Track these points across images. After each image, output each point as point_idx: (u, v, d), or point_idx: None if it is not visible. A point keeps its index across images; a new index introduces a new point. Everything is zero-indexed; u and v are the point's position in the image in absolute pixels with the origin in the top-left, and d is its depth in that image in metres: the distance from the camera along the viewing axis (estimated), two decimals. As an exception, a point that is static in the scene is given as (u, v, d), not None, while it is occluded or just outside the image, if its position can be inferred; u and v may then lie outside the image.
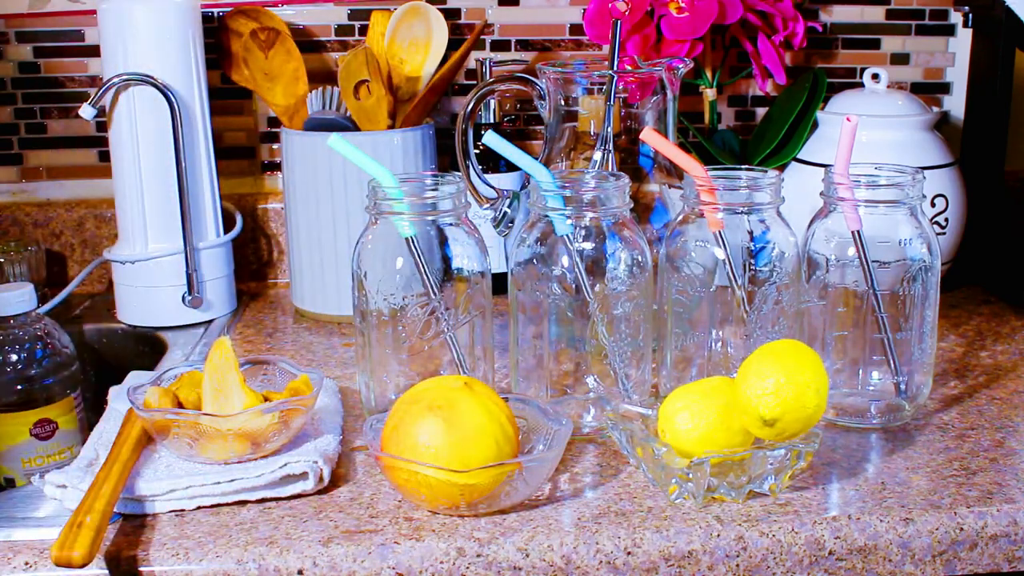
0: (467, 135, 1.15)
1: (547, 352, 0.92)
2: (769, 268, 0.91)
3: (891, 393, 0.94)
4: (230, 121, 1.38)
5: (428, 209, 0.89)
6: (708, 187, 0.90)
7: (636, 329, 0.91)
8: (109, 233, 1.36)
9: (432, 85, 1.25)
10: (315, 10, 1.35)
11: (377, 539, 0.75)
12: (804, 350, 0.81)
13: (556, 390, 0.93)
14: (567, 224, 0.89)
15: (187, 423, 0.81)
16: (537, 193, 0.90)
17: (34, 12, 1.33)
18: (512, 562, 0.74)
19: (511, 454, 0.78)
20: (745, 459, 0.79)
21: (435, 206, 0.90)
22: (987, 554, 0.78)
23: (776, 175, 0.92)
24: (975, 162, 1.29)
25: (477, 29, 1.30)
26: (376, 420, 0.82)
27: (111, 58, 1.17)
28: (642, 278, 0.90)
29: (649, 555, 0.75)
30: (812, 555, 0.76)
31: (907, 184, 0.90)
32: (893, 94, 1.25)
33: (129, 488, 0.78)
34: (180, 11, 1.17)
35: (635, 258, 0.90)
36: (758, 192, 0.90)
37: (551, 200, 0.89)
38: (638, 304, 0.90)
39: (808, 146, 1.27)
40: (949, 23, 1.43)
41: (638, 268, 0.90)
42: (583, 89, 1.09)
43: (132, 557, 0.73)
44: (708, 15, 1.22)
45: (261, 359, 0.93)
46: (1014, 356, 1.10)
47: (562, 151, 1.12)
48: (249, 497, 0.80)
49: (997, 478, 0.83)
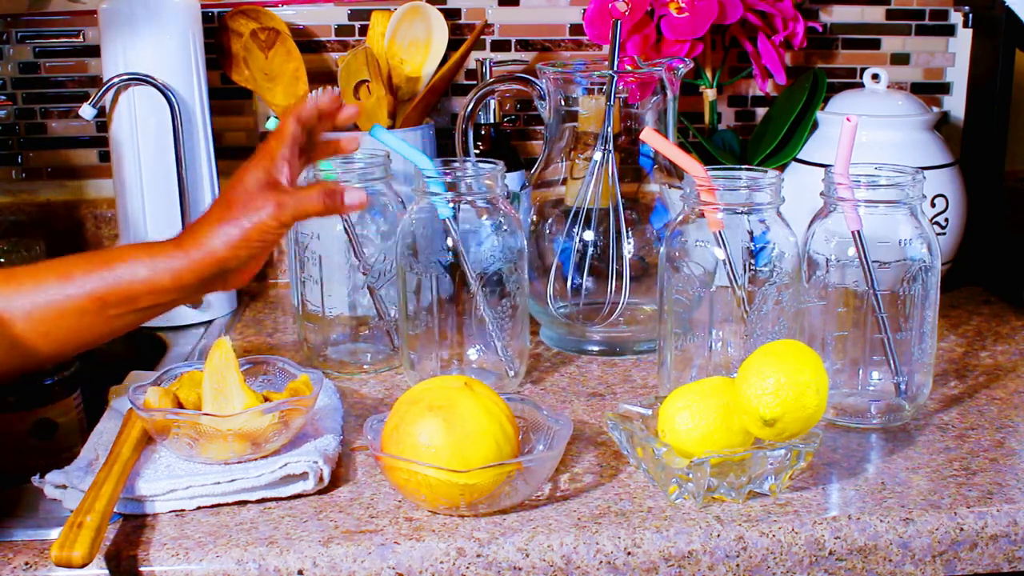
0: (467, 135, 1.15)
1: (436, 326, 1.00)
2: (769, 268, 0.91)
3: (891, 393, 0.94)
4: (230, 121, 1.38)
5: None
6: (708, 187, 0.90)
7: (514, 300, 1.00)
8: (109, 233, 1.36)
9: (432, 85, 1.25)
10: (315, 10, 1.35)
11: (377, 539, 0.75)
12: (804, 350, 0.81)
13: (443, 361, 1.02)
14: (448, 207, 0.96)
15: (187, 423, 0.81)
16: (421, 180, 0.97)
17: (34, 12, 1.33)
18: (512, 562, 0.74)
19: (511, 454, 0.78)
20: (745, 459, 0.79)
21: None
22: (987, 554, 0.78)
23: (776, 175, 0.92)
24: (975, 162, 1.29)
25: (477, 29, 1.30)
26: (376, 420, 0.82)
27: (111, 58, 1.17)
28: (515, 255, 0.99)
29: (649, 555, 0.75)
30: (812, 555, 0.76)
31: (907, 184, 0.90)
32: (893, 94, 1.25)
33: (129, 488, 0.78)
34: (180, 11, 1.17)
35: (506, 238, 0.99)
36: (758, 192, 0.90)
37: (432, 185, 0.96)
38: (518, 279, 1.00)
39: (808, 146, 1.27)
40: (949, 23, 1.43)
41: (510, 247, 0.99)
42: (583, 89, 1.09)
43: (132, 557, 0.73)
44: (708, 15, 1.22)
45: (261, 359, 0.93)
46: (1014, 356, 1.10)
47: (562, 151, 1.12)
48: (249, 497, 0.80)
49: (997, 478, 0.83)
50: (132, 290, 0.75)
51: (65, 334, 0.75)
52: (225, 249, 0.76)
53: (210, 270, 0.76)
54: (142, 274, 0.75)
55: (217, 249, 0.76)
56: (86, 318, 0.74)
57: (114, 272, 0.75)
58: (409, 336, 1.01)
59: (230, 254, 0.76)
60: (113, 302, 0.75)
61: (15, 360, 0.74)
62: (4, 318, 0.73)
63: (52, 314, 0.74)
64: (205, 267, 0.76)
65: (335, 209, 0.79)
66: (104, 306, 0.75)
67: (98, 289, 0.74)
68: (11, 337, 0.73)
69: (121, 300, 0.75)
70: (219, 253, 0.76)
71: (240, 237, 0.76)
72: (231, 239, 0.76)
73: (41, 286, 0.74)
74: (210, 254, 0.75)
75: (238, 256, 0.76)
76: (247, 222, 0.76)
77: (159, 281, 0.75)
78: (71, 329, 0.74)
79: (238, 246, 0.76)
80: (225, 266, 0.77)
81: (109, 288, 0.74)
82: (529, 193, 1.16)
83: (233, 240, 0.76)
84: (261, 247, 0.77)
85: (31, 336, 0.73)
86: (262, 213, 0.76)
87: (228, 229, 0.76)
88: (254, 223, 0.76)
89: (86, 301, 0.74)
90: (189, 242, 0.76)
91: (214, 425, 0.81)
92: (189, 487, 0.79)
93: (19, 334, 0.73)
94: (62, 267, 0.76)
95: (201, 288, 0.78)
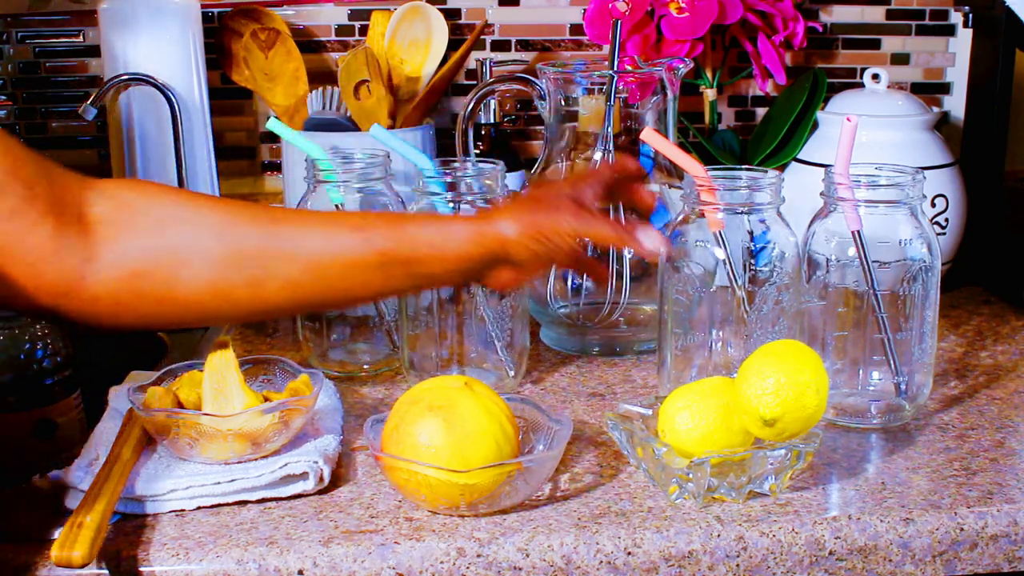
0: (467, 135, 1.15)
1: (436, 326, 1.00)
2: (769, 268, 0.91)
3: (891, 393, 0.94)
4: (230, 121, 1.38)
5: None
6: (708, 187, 0.90)
7: (514, 300, 1.00)
8: (109, 233, 1.35)
9: (432, 85, 1.25)
10: (315, 10, 1.35)
11: (377, 539, 0.75)
12: (804, 350, 0.81)
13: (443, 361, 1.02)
14: (448, 207, 0.96)
15: (187, 423, 0.81)
16: (421, 180, 0.97)
17: (34, 12, 1.33)
18: (512, 562, 0.74)
19: (511, 454, 0.78)
20: (745, 459, 0.79)
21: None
22: (987, 554, 0.78)
23: (776, 175, 0.92)
24: (975, 162, 1.29)
25: (477, 29, 1.30)
26: (376, 420, 0.82)
27: (111, 58, 1.17)
28: None
29: (649, 555, 0.75)
30: (812, 555, 0.76)
31: (907, 184, 0.90)
32: (893, 94, 1.25)
33: (129, 488, 0.78)
34: (180, 11, 1.18)
35: None
36: (758, 192, 0.90)
37: (432, 185, 0.96)
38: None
39: (808, 146, 1.27)
40: (949, 23, 1.43)
41: None
42: (583, 89, 1.09)
43: (132, 557, 0.73)
44: (708, 15, 1.22)
45: (261, 359, 0.93)
46: (1014, 356, 1.10)
47: (562, 151, 1.12)
48: (249, 497, 0.80)
49: (997, 478, 0.83)
50: (417, 252, 0.77)
51: (341, 283, 0.76)
52: (517, 234, 0.78)
53: (494, 249, 0.78)
54: (431, 236, 0.77)
55: (509, 232, 0.78)
56: (366, 272, 0.76)
57: (404, 230, 0.77)
58: (409, 336, 1.01)
59: (519, 240, 0.78)
60: (396, 260, 0.76)
61: (285, 300, 0.76)
62: (291, 255, 0.74)
63: (336, 261, 0.75)
64: (492, 245, 0.78)
65: (626, 241, 0.81)
66: (386, 263, 0.76)
67: (386, 244, 0.76)
68: (291, 276, 0.75)
69: (404, 260, 0.77)
70: (510, 236, 0.78)
71: (533, 227, 0.78)
72: (524, 227, 0.78)
73: (330, 232, 0.76)
74: (500, 233, 0.78)
75: (524, 246, 0.78)
76: (545, 218, 0.78)
77: (445, 247, 0.77)
78: (348, 279, 0.76)
79: (529, 235, 0.78)
80: (508, 251, 0.78)
81: (396, 245, 0.76)
82: (529, 193, 1.16)
83: (526, 228, 0.78)
84: (545, 248, 0.78)
85: (308, 279, 0.75)
86: (561, 216, 0.79)
87: (525, 217, 0.78)
88: (551, 221, 0.78)
89: (372, 254, 0.76)
90: (483, 220, 0.79)
91: (214, 425, 0.81)
92: (189, 487, 0.79)
93: (298, 274, 0.75)
94: (353, 218, 0.82)
95: (477, 268, 0.79)
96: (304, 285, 0.75)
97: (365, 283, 0.77)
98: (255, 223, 0.75)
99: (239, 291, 0.74)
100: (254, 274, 0.74)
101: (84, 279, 0.70)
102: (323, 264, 0.75)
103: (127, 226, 0.72)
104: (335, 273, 0.76)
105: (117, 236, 0.71)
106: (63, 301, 0.70)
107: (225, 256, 0.73)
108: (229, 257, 0.73)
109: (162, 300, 0.72)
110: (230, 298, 0.74)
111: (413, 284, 0.80)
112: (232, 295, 0.74)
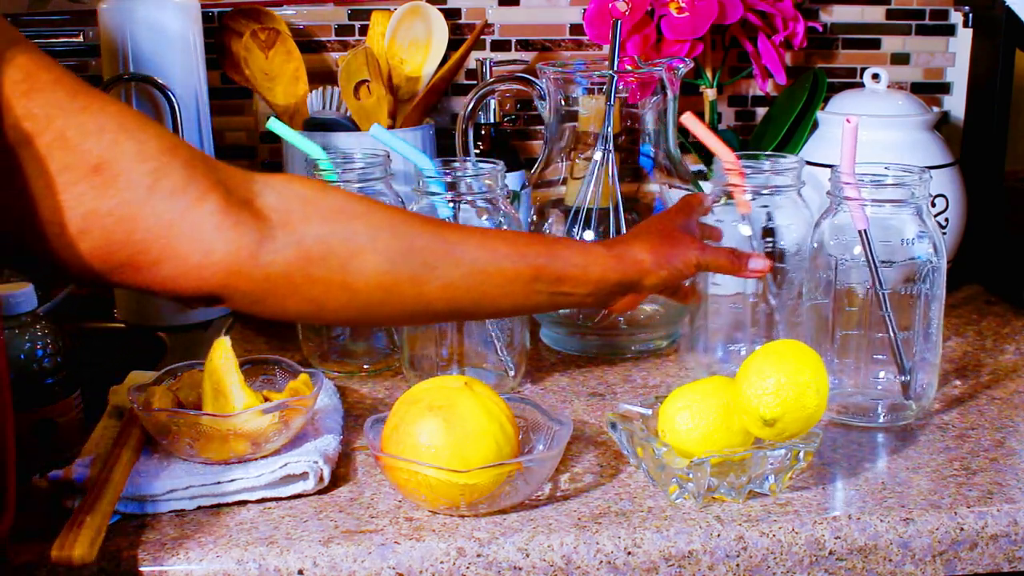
0: (467, 135, 1.15)
1: (436, 326, 1.01)
2: (796, 248, 0.97)
3: (897, 392, 0.94)
4: (230, 121, 1.38)
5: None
6: (738, 170, 0.95)
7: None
8: (109, 233, 1.35)
9: (432, 85, 1.25)
10: (315, 10, 1.35)
11: (377, 539, 0.75)
12: (804, 350, 0.81)
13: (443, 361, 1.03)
14: (448, 207, 0.97)
15: (187, 423, 0.81)
16: (421, 180, 0.98)
17: (34, 12, 1.33)
18: (512, 562, 0.74)
19: (511, 454, 0.78)
20: (745, 459, 0.79)
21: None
22: (987, 554, 0.78)
23: (797, 159, 0.99)
24: (975, 162, 1.29)
25: (477, 29, 1.30)
26: (376, 420, 0.82)
27: (111, 58, 1.17)
28: None
29: (649, 555, 0.75)
30: (812, 555, 0.76)
31: (913, 184, 0.90)
32: (893, 94, 1.25)
33: (129, 488, 0.78)
34: (180, 11, 1.17)
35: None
36: (778, 176, 0.98)
37: (432, 185, 0.97)
38: None
39: (808, 146, 1.27)
40: (949, 23, 1.43)
41: None
42: (583, 89, 1.09)
43: (132, 557, 0.73)
44: (708, 15, 1.22)
45: (261, 359, 0.93)
46: (1015, 356, 1.10)
47: (562, 151, 1.12)
48: (249, 497, 0.80)
49: (997, 478, 0.83)
50: (565, 272, 0.82)
51: (493, 292, 0.80)
52: (653, 264, 0.86)
53: (631, 277, 0.85)
54: (577, 260, 0.83)
55: (647, 262, 0.86)
56: (515, 285, 0.80)
57: (555, 251, 0.82)
58: (409, 336, 1.01)
59: (654, 271, 0.86)
60: (544, 278, 0.81)
61: (443, 304, 0.78)
62: (456, 259, 0.77)
63: (495, 270, 0.79)
64: (629, 272, 0.85)
65: (739, 270, 0.90)
66: (535, 279, 0.81)
67: (538, 262, 0.81)
68: (452, 279, 0.77)
69: (552, 278, 0.81)
70: (646, 265, 0.85)
71: (666, 259, 0.86)
72: (659, 258, 0.86)
73: (490, 243, 0.80)
74: (639, 263, 0.85)
75: (657, 275, 0.86)
76: (676, 250, 0.87)
77: (588, 271, 0.83)
78: (500, 289, 0.80)
79: (662, 265, 0.86)
80: (643, 280, 0.86)
81: (547, 263, 0.81)
82: (529, 193, 1.16)
83: (660, 259, 0.86)
84: (672, 278, 0.87)
85: (466, 285, 0.78)
86: (689, 251, 0.88)
87: (661, 249, 0.87)
88: (681, 255, 0.87)
89: (527, 269, 0.80)
90: (620, 249, 0.86)
91: (214, 425, 0.81)
92: (189, 487, 0.79)
93: (460, 279, 0.78)
94: (507, 233, 0.90)
95: (610, 294, 0.86)
96: (461, 290, 0.78)
97: (512, 295, 0.81)
98: (424, 224, 0.78)
99: (404, 287, 0.75)
100: (420, 273, 0.76)
101: (257, 258, 0.70)
102: (483, 272, 0.79)
103: (301, 215, 0.72)
104: (491, 282, 0.79)
105: (292, 222, 0.72)
106: (232, 280, 0.69)
107: (398, 250, 0.75)
108: (402, 252, 0.75)
109: (332, 286, 0.73)
110: (394, 292, 0.75)
111: (550, 303, 0.83)
112: (397, 289, 0.75)
